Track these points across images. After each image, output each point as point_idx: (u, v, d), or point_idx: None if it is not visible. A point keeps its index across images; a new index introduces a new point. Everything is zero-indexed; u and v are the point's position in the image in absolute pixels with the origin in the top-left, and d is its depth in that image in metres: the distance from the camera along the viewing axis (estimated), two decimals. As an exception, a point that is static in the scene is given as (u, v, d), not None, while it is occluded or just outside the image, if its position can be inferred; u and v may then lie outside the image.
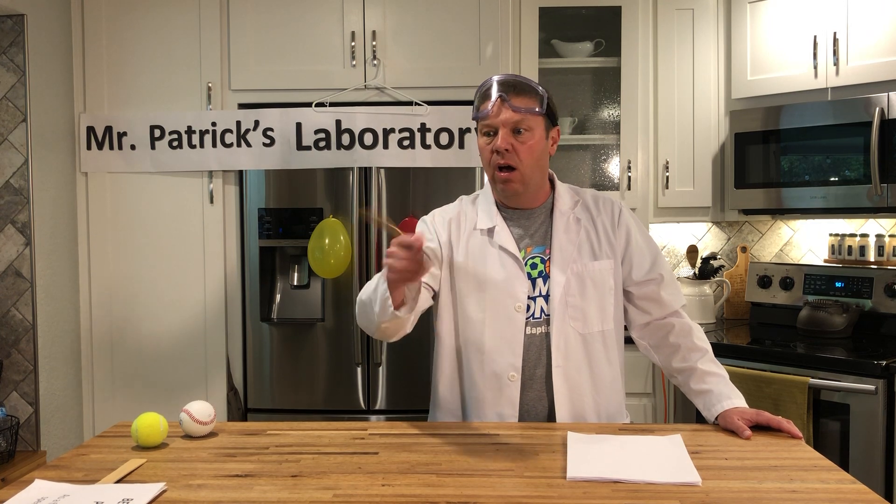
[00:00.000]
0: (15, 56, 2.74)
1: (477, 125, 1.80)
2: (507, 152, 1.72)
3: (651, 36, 3.24)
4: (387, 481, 1.38)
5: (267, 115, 2.92)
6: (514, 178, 1.75)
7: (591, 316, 1.79)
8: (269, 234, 2.94)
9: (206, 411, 1.66)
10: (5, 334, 2.79)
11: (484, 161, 1.79)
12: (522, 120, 1.73)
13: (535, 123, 1.75)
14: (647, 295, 1.84)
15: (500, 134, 1.73)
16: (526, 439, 1.61)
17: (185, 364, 3.00)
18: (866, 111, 2.73)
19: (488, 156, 1.76)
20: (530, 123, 1.74)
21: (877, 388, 2.46)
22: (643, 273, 1.83)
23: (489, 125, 1.74)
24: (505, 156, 1.73)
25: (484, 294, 1.79)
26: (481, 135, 1.78)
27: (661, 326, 1.85)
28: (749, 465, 1.44)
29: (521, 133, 1.73)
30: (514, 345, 1.77)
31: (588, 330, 1.79)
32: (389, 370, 2.92)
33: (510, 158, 1.73)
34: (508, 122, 1.72)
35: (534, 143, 1.75)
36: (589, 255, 1.81)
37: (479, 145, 1.79)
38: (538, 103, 1.75)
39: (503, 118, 1.72)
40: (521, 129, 1.73)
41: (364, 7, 2.94)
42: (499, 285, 1.78)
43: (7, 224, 2.78)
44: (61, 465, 1.49)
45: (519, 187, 1.77)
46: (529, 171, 1.76)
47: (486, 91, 1.76)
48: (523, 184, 1.77)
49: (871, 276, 2.98)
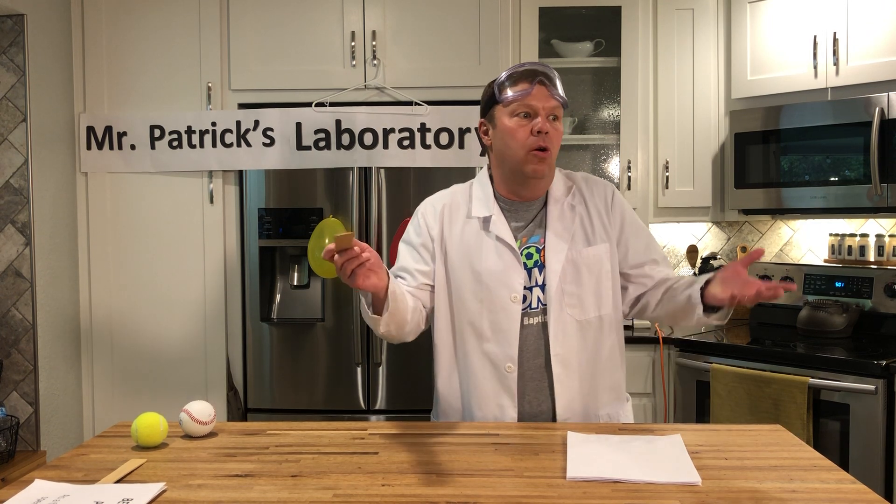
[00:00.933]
0: (15, 56, 2.74)
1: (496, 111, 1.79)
2: (548, 135, 1.75)
3: (651, 36, 3.24)
4: (387, 481, 1.38)
5: (267, 115, 2.92)
6: (547, 160, 1.76)
7: (587, 302, 1.80)
8: (269, 234, 2.94)
9: (206, 411, 1.66)
10: (5, 334, 2.79)
11: (516, 141, 1.76)
12: (558, 108, 1.77)
13: (561, 115, 1.81)
14: (643, 273, 1.85)
15: (541, 116, 1.74)
16: (526, 439, 1.61)
17: (185, 364, 3.00)
18: (866, 111, 2.73)
19: (524, 136, 1.75)
20: (560, 113, 1.79)
21: (877, 388, 2.46)
22: (639, 257, 1.85)
23: (531, 106, 1.75)
24: (545, 138, 1.74)
25: (480, 285, 1.79)
26: (514, 115, 1.76)
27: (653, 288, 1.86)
28: (749, 465, 1.44)
29: (555, 120, 1.77)
30: (510, 336, 1.77)
31: (585, 316, 1.79)
32: (389, 370, 2.92)
33: (548, 142, 1.75)
34: (548, 108, 1.75)
35: (561, 132, 1.80)
36: (583, 241, 1.81)
37: (510, 126, 1.76)
38: (564, 96, 1.80)
39: (546, 104, 1.75)
40: (556, 117, 1.77)
41: (364, 7, 2.94)
42: (495, 276, 1.78)
43: (7, 224, 2.78)
44: (61, 465, 1.49)
45: (547, 170, 1.79)
46: (554, 159, 1.80)
47: (523, 74, 1.77)
48: (550, 169, 1.80)
49: (871, 276, 2.98)
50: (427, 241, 1.85)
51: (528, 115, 1.75)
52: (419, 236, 1.86)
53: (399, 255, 1.87)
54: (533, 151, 1.74)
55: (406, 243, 1.88)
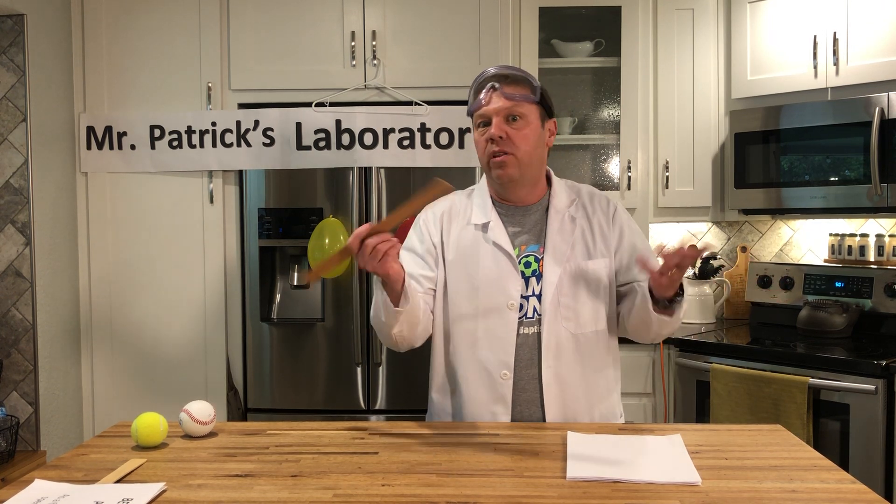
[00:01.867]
0: (15, 56, 2.74)
1: (472, 122, 1.79)
2: (502, 139, 1.71)
3: (651, 36, 3.24)
4: (387, 481, 1.38)
5: (267, 114, 2.92)
6: (510, 162, 1.73)
7: (584, 316, 1.78)
8: (268, 234, 2.94)
9: (206, 411, 1.66)
10: (5, 334, 2.79)
11: (479, 153, 1.77)
12: (515, 106, 1.72)
13: (528, 111, 1.73)
14: (633, 290, 1.82)
15: (493, 122, 1.72)
16: (526, 439, 1.61)
17: (185, 364, 3.00)
18: (866, 111, 2.73)
19: (483, 146, 1.75)
20: (524, 111, 1.73)
21: (877, 388, 2.46)
22: (633, 274, 1.82)
23: (483, 115, 1.73)
24: (499, 143, 1.71)
25: (476, 291, 1.77)
26: (476, 128, 1.77)
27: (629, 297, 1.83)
28: (749, 465, 1.44)
29: (515, 120, 1.72)
30: (506, 343, 1.76)
31: (581, 331, 1.78)
32: (389, 370, 2.92)
33: (505, 145, 1.72)
34: (501, 111, 1.71)
35: (528, 130, 1.73)
36: (583, 254, 1.79)
37: (476, 137, 1.77)
38: (531, 91, 1.74)
39: (495, 106, 1.72)
40: (516, 116, 1.72)
41: (364, 7, 2.94)
42: (492, 282, 1.77)
43: (7, 224, 2.78)
44: (61, 465, 1.49)
45: (514, 172, 1.75)
46: (526, 157, 1.74)
47: (480, 84, 1.75)
48: (519, 169, 1.75)
49: (871, 276, 2.98)
50: (430, 247, 1.84)
51: (486, 125, 1.74)
52: (422, 243, 1.84)
53: (402, 262, 1.84)
54: (492, 159, 1.74)
55: (409, 250, 1.86)
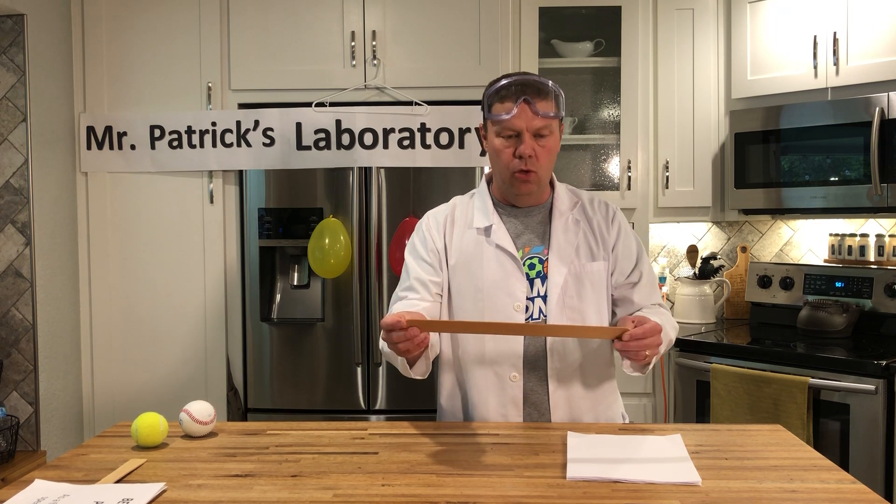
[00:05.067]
0: (15, 56, 2.74)
1: (488, 124, 1.76)
2: (531, 158, 1.70)
3: (651, 36, 3.24)
4: (387, 481, 1.38)
5: (267, 114, 2.92)
6: (532, 180, 1.74)
7: (589, 317, 1.78)
8: (269, 234, 2.94)
9: (206, 411, 1.66)
10: (5, 334, 2.79)
11: (500, 162, 1.75)
12: (546, 126, 1.71)
13: (554, 126, 1.74)
14: (621, 295, 1.83)
15: (525, 139, 1.69)
16: (526, 439, 1.61)
17: (185, 364, 3.00)
18: (866, 111, 2.73)
19: (508, 159, 1.72)
20: (552, 127, 1.72)
21: (877, 388, 2.46)
22: (623, 277, 1.82)
23: (512, 128, 1.70)
24: (528, 162, 1.71)
25: (482, 294, 1.77)
26: (498, 136, 1.73)
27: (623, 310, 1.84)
28: (749, 465, 1.44)
29: (543, 137, 1.71)
30: (514, 345, 1.76)
31: None
32: (389, 370, 2.92)
33: (532, 164, 1.71)
34: (534, 128, 1.70)
35: (552, 145, 1.74)
36: (587, 255, 1.80)
37: (495, 146, 1.74)
38: (556, 106, 1.72)
39: (529, 125, 1.69)
40: (544, 134, 1.71)
41: (364, 7, 2.94)
42: (496, 284, 1.76)
43: (7, 224, 2.78)
44: (61, 465, 1.49)
45: (534, 188, 1.77)
46: (547, 173, 1.77)
47: (505, 91, 1.71)
48: (539, 185, 1.77)
49: (871, 276, 2.98)
50: (435, 251, 1.83)
51: (513, 136, 1.71)
52: (427, 248, 1.83)
53: (408, 269, 1.84)
54: (516, 174, 1.73)
55: (415, 256, 1.85)
